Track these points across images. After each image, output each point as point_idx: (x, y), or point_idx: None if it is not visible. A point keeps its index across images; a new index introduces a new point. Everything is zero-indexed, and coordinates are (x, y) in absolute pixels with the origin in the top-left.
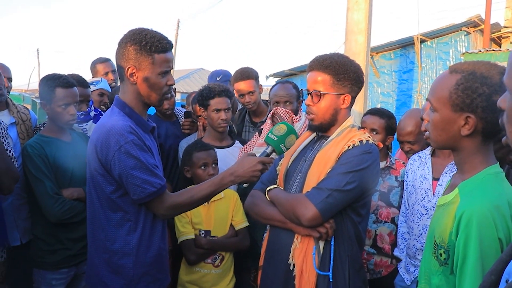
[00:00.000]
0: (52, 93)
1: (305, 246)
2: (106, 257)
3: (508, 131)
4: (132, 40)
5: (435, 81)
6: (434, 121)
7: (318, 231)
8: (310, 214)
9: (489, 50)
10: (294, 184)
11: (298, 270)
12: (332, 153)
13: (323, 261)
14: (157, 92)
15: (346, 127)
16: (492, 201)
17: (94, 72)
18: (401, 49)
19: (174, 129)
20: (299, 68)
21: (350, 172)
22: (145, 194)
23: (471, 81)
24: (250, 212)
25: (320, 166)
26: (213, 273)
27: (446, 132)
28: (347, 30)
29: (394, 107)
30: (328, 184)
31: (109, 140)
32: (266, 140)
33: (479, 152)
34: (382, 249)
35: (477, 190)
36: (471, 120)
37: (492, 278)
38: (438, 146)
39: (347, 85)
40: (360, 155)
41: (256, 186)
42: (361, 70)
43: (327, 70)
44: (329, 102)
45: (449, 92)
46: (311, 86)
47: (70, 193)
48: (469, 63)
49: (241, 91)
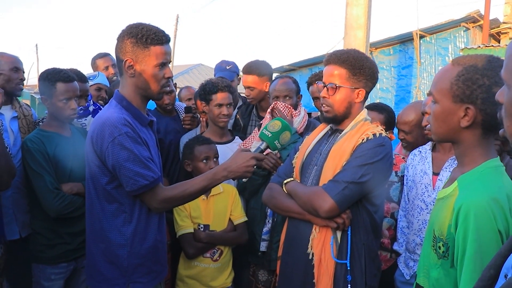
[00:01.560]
0: (53, 87)
1: (323, 236)
2: (102, 247)
3: (506, 124)
4: (129, 33)
5: (438, 74)
6: (435, 113)
7: (335, 221)
8: (328, 206)
9: (488, 45)
10: (310, 177)
11: (317, 259)
12: (346, 146)
13: (340, 250)
14: (154, 84)
15: (360, 121)
16: (491, 194)
17: (95, 68)
18: (400, 44)
19: (174, 124)
20: (298, 63)
21: (365, 164)
22: (137, 186)
23: (471, 73)
24: (269, 204)
25: (335, 159)
26: (212, 268)
27: (447, 124)
28: (346, 25)
29: (393, 103)
30: (344, 177)
31: (103, 132)
32: (261, 136)
33: (479, 145)
34: (382, 243)
35: (476, 183)
36: (471, 111)
37: (491, 272)
38: (439, 138)
39: (362, 80)
40: (373, 148)
41: (273, 179)
42: (377, 67)
43: (344, 65)
44: (344, 95)
45: (450, 83)
46: (327, 79)
47: (69, 188)
48: (471, 56)
49: (243, 84)
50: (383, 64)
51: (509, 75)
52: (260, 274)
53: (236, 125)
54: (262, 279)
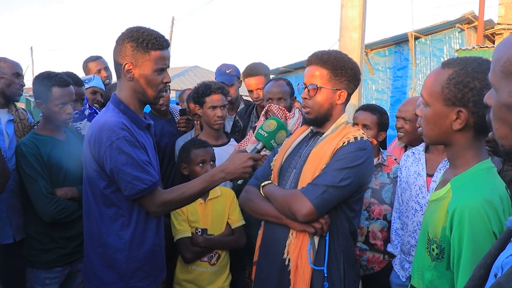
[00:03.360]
0: (48, 92)
1: (300, 242)
2: (100, 251)
3: (495, 127)
4: (130, 37)
5: (428, 76)
6: (427, 116)
7: (313, 226)
8: (306, 210)
9: (482, 46)
10: (288, 180)
11: (293, 265)
12: (327, 149)
13: (318, 256)
14: (152, 89)
15: (341, 124)
16: (484, 196)
17: (87, 71)
18: (395, 46)
19: (169, 127)
20: (294, 65)
21: (345, 168)
22: (136, 190)
23: (462, 76)
24: (245, 207)
25: (315, 162)
26: (209, 272)
27: (439, 127)
28: (341, 27)
29: (388, 104)
30: (324, 180)
31: (101, 136)
32: (257, 136)
33: (471, 147)
34: (375, 245)
35: (469, 185)
36: (463, 114)
37: (481, 272)
38: (431, 141)
39: (344, 81)
40: (355, 152)
41: (250, 182)
42: (358, 68)
43: (325, 65)
44: (325, 96)
45: (441, 86)
46: (308, 80)
47: (64, 193)
48: (461, 59)
49: (250, 86)
50: (378, 65)
51: (496, 79)
52: None
53: (236, 127)
54: None
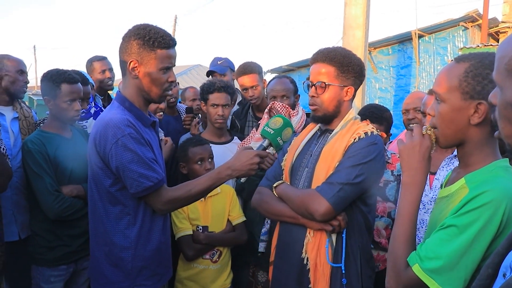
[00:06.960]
0: (57, 88)
1: (318, 240)
2: (106, 250)
3: (500, 126)
4: (136, 34)
5: (441, 72)
6: (442, 113)
7: (331, 224)
8: (323, 209)
9: (487, 45)
10: (301, 179)
11: (313, 264)
12: (338, 146)
13: (335, 253)
14: (158, 87)
15: (349, 120)
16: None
17: (91, 70)
18: (399, 44)
19: (175, 124)
20: (297, 63)
21: (359, 164)
22: (142, 188)
23: (480, 68)
24: (259, 209)
25: (327, 160)
26: (211, 269)
27: (455, 124)
28: (345, 25)
29: (392, 103)
30: (338, 178)
31: (106, 134)
32: (263, 134)
33: (487, 144)
34: (379, 243)
35: (490, 180)
36: (483, 106)
37: (489, 271)
38: (447, 141)
39: (351, 77)
40: (366, 147)
41: (261, 183)
42: (363, 63)
43: (332, 62)
44: (333, 93)
45: (458, 80)
46: (315, 77)
47: (69, 190)
48: (475, 53)
49: (244, 85)
50: (382, 64)
51: (500, 77)
52: (260, 275)
53: (233, 127)
54: (261, 280)
